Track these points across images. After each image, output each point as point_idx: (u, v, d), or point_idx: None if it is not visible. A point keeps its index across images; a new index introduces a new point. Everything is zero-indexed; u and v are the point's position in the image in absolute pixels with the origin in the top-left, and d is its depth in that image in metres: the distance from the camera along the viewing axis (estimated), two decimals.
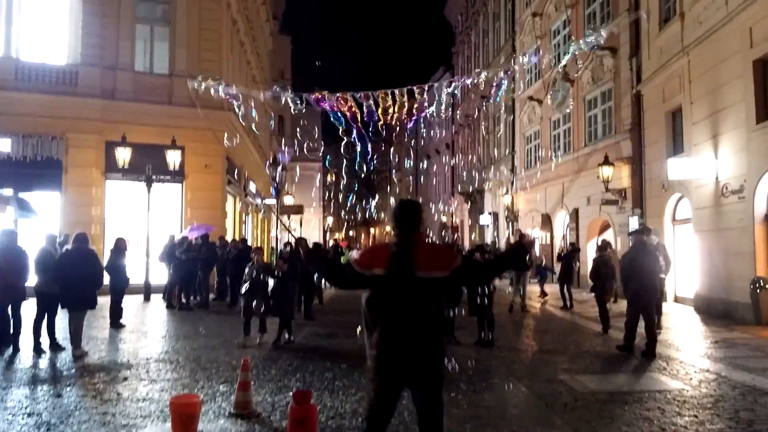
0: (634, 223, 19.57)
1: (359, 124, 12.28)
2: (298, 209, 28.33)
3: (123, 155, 18.70)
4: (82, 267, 9.92)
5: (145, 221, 18.81)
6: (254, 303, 11.09)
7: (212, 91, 12.27)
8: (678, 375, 8.46)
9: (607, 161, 19.98)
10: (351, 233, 73.57)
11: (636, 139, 19.83)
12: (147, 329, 13.01)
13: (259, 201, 31.46)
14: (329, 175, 61.04)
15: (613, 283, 13.43)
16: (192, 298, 17.09)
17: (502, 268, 4.47)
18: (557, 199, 25.97)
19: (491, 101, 31.60)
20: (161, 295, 17.62)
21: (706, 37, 15.07)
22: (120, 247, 13.46)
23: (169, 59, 21.46)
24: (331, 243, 43.55)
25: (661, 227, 18.13)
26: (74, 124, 19.78)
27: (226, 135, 20.56)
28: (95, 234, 19.21)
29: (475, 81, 13.91)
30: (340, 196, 74.93)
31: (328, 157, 44.89)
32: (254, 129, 29.18)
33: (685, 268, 17.05)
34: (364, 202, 68.55)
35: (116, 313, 12.95)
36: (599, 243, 14.46)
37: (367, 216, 72.40)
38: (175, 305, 16.26)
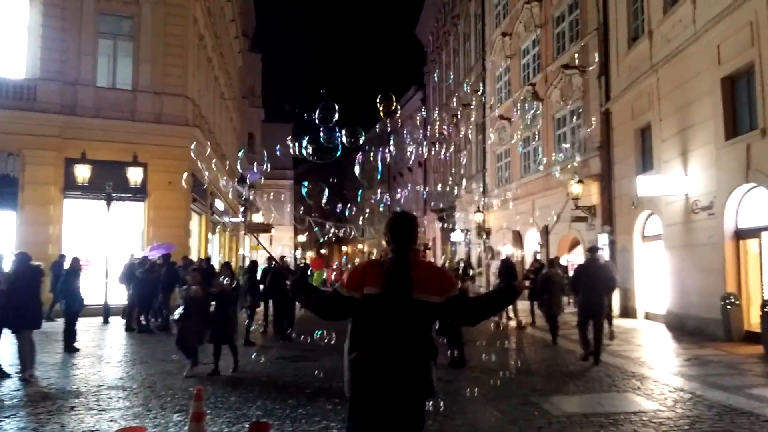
0: (603, 240, 19.50)
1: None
2: (266, 227, 27.78)
3: (82, 172, 18.11)
4: (23, 286, 9.43)
5: (104, 240, 18.21)
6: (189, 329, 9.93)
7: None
8: (653, 395, 8.20)
9: (575, 179, 19.89)
10: (323, 251, 72.88)
11: (605, 157, 19.81)
12: (102, 353, 12.44)
13: (227, 219, 30.90)
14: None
15: (561, 297, 14.06)
16: (153, 320, 16.52)
17: (495, 310, 4.04)
18: (527, 216, 25.85)
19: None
20: (120, 317, 17.00)
21: (674, 55, 15.08)
22: (74, 267, 12.91)
23: (133, 74, 20.96)
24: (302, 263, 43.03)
25: (631, 244, 18.07)
26: (32, 141, 19.13)
27: (193, 146, 20.06)
28: (53, 254, 18.51)
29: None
30: (313, 214, 74.41)
31: (305, 183, 44.29)
32: (219, 144, 28.78)
33: (656, 285, 16.95)
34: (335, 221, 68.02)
35: (70, 336, 12.36)
36: (538, 259, 14.93)
37: (341, 234, 71.87)
38: (135, 328, 15.67)
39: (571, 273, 16.49)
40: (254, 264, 16.62)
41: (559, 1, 23.57)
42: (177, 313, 10.14)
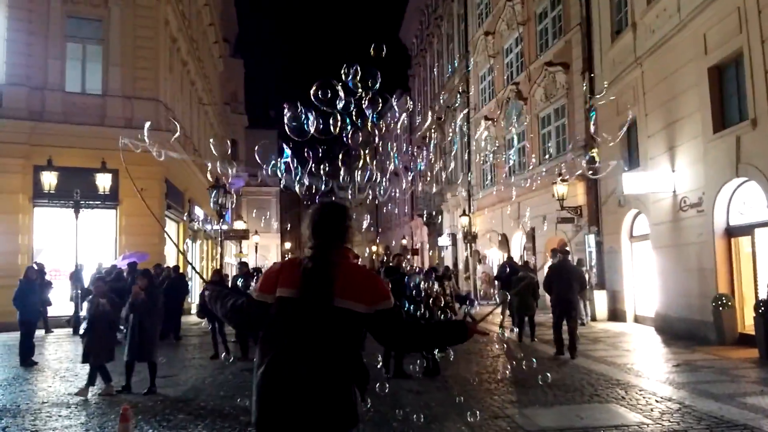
0: (591, 241, 18.92)
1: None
2: (243, 234, 27.06)
3: (49, 179, 17.41)
4: None
5: (74, 250, 17.50)
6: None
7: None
8: (637, 406, 7.57)
9: (561, 179, 19.29)
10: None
11: (591, 155, 19.23)
12: (60, 367, 11.70)
13: (209, 227, 30.17)
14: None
15: (531, 299, 13.99)
16: (122, 330, 15.80)
17: (431, 344, 3.45)
18: (514, 218, 25.25)
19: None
20: None
21: (659, 46, 14.54)
22: (29, 277, 12.20)
23: (102, 79, 20.28)
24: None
25: (618, 244, 17.50)
26: None
27: (163, 153, 19.36)
28: (22, 264, 17.76)
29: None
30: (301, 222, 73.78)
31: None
32: (197, 150, 28.08)
33: (644, 287, 16.36)
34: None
35: (25, 349, 11.64)
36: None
37: None
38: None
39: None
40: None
41: None
42: (82, 328, 9.13)
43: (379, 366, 9.23)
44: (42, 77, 19.36)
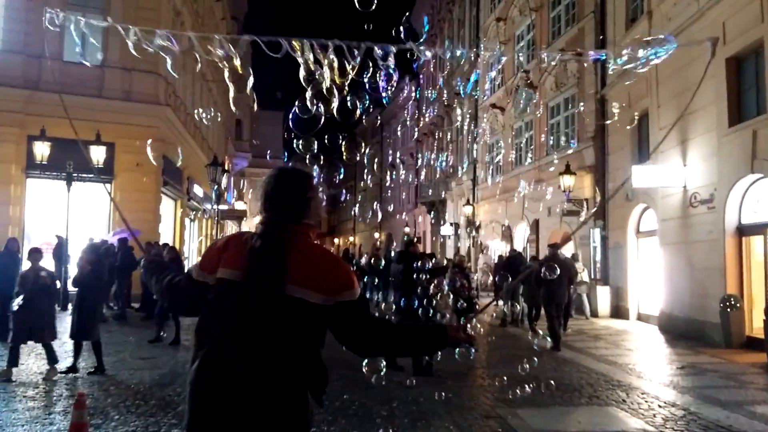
0: (596, 236, 18.40)
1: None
2: (240, 214, 26.57)
3: (41, 150, 16.95)
4: None
5: (65, 223, 17.04)
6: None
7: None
8: (639, 410, 7.09)
9: (568, 170, 18.73)
10: (317, 242, 71.66)
11: (599, 147, 18.71)
12: (37, 345, 11.25)
13: (208, 206, 29.69)
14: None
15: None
16: (112, 306, 15.44)
17: (402, 349, 2.75)
18: (518, 209, 24.73)
19: (462, 93, 30.48)
20: None
21: (676, 35, 13.84)
22: (10, 249, 11.76)
23: (102, 49, 19.72)
24: None
25: (624, 240, 16.98)
26: None
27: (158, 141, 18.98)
28: (12, 236, 17.33)
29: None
30: None
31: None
32: (199, 128, 27.58)
33: (650, 284, 15.85)
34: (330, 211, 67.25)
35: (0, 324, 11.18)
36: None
37: (332, 225, 70.97)
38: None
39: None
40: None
41: None
42: (16, 303, 8.43)
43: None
44: (39, 45, 18.82)
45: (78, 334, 8.67)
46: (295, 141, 6.70)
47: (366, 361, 2.78)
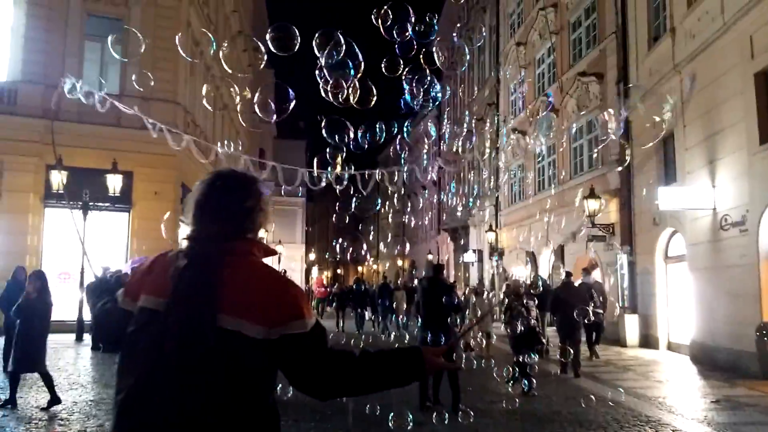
0: (623, 261, 17.79)
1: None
2: None
3: (58, 179, 16.87)
4: None
5: (86, 252, 16.88)
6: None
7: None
8: None
9: (592, 194, 18.20)
10: (339, 271, 71.31)
11: (624, 170, 18.16)
12: (35, 376, 10.90)
13: None
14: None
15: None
16: None
17: (381, 382, 2.08)
18: (542, 235, 24.17)
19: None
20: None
21: (700, 52, 13.50)
22: (17, 278, 11.57)
23: (120, 79, 19.83)
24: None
25: (653, 265, 16.36)
26: (11, 146, 18.04)
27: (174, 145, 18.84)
28: (30, 265, 17.22)
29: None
30: (328, 234, 73.25)
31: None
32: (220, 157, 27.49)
33: (680, 312, 15.19)
34: (349, 242, 66.87)
35: (6, 354, 10.92)
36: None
37: (354, 255, 70.55)
38: (101, 346, 14.28)
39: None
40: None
41: (576, 5, 22.07)
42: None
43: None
44: (58, 75, 18.88)
45: (22, 365, 8.28)
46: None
47: None
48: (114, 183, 17.43)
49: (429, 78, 6.59)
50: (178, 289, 1.89)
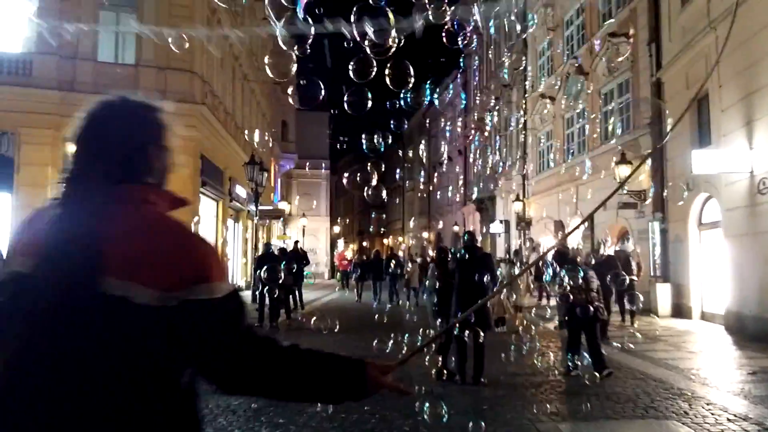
0: (655, 229, 17.13)
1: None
2: (278, 213, 26.04)
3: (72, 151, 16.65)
4: None
5: None
6: None
7: None
8: (704, 425, 6.07)
9: (624, 159, 17.48)
10: (365, 244, 71.13)
11: (656, 134, 17.41)
12: None
13: (252, 207, 29.33)
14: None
15: None
16: None
17: (307, 392, 1.60)
18: (571, 204, 23.52)
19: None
20: None
21: (735, 7, 12.66)
22: None
23: (136, 48, 19.51)
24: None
25: (686, 233, 15.71)
26: (28, 118, 17.85)
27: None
28: None
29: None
30: (354, 207, 73.11)
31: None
32: (240, 128, 27.20)
33: (714, 280, 14.56)
34: (376, 214, 66.78)
35: None
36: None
37: (380, 228, 70.46)
38: None
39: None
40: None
41: None
42: None
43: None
44: (73, 46, 18.67)
45: None
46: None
47: None
48: None
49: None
50: (49, 246, 1.44)
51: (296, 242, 19.24)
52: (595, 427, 6.14)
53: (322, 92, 5.08)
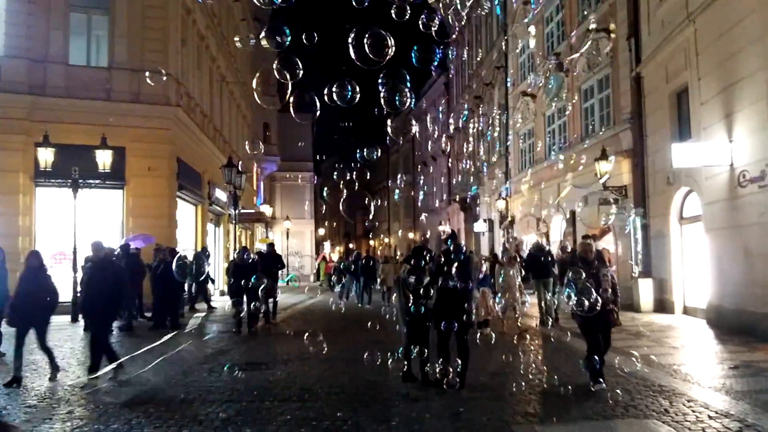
0: (637, 225, 17.00)
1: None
2: (259, 217, 25.70)
3: (45, 156, 16.20)
4: None
5: (77, 231, 16.27)
6: None
7: None
8: (685, 423, 5.89)
9: (604, 155, 17.33)
10: (351, 245, 70.73)
11: (637, 129, 17.30)
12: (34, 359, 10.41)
13: (232, 211, 28.95)
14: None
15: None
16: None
17: None
18: (553, 201, 23.37)
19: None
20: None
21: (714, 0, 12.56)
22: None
23: (108, 51, 19.14)
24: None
25: (667, 227, 15.59)
26: None
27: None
28: (23, 247, 16.81)
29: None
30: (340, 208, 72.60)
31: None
32: (219, 131, 26.85)
33: (696, 274, 14.45)
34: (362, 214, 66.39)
35: None
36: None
37: (365, 230, 70.20)
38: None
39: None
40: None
41: None
42: None
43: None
44: (43, 49, 18.27)
45: None
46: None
47: None
48: (103, 159, 16.73)
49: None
50: None
51: (270, 244, 18.85)
52: (573, 429, 5.93)
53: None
